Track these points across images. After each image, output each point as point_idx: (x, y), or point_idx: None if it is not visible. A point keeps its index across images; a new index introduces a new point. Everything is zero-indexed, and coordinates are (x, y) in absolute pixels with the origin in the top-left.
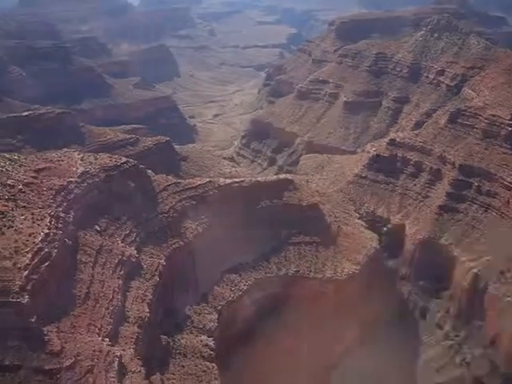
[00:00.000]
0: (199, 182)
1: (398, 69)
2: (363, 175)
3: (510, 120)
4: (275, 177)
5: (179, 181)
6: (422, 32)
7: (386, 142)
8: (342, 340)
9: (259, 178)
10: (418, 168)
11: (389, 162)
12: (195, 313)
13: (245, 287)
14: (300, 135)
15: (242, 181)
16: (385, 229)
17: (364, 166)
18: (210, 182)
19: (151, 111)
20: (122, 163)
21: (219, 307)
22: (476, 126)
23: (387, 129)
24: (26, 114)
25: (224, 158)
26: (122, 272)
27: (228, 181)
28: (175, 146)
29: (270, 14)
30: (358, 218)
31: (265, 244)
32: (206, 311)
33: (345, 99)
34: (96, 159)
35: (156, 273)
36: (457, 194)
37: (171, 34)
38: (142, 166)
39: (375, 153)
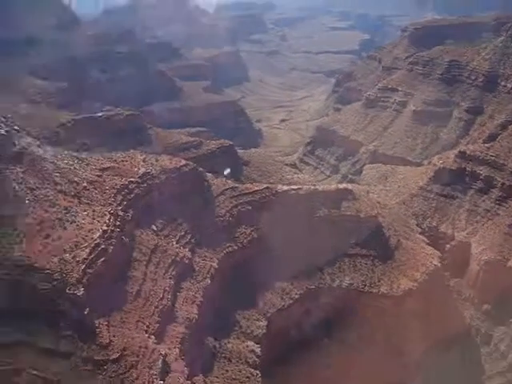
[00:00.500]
0: (256, 188)
1: (473, 77)
2: (428, 188)
3: None
4: (334, 186)
5: (237, 185)
6: (502, 38)
7: (455, 154)
8: (396, 360)
9: (317, 187)
10: (489, 183)
11: (456, 175)
12: (244, 318)
13: (296, 296)
14: (365, 144)
15: (300, 188)
16: (448, 246)
17: (430, 178)
18: (267, 188)
19: (218, 115)
20: (182, 166)
21: (269, 314)
22: None
23: (457, 140)
24: (99, 115)
25: (286, 165)
26: (174, 272)
27: (285, 188)
28: (239, 150)
29: (343, 20)
30: (420, 233)
31: (319, 254)
32: (254, 317)
33: (413, 108)
34: (157, 161)
35: (208, 275)
36: None
37: (244, 38)
38: (201, 169)
39: (442, 165)
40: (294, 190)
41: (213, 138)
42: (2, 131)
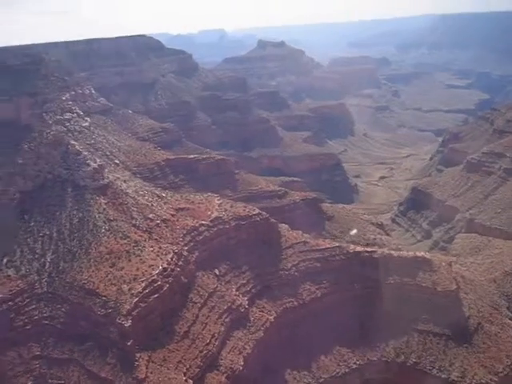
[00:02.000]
0: (327, 245)
1: None
2: None
3: None
4: (411, 253)
5: (308, 240)
6: None
7: None
8: None
9: (393, 252)
10: None
11: None
12: (294, 379)
13: (355, 365)
14: (461, 211)
15: (374, 251)
16: None
17: None
18: (338, 247)
19: (315, 166)
20: (254, 215)
21: (321, 379)
22: None
23: None
24: (191, 157)
25: (372, 224)
26: (227, 319)
27: (358, 249)
28: (326, 204)
29: (462, 78)
30: (510, 319)
31: (386, 323)
32: (305, 380)
33: None
34: (232, 207)
35: (262, 328)
36: None
37: (355, 93)
38: (273, 220)
39: None
40: (367, 252)
41: (305, 190)
42: (95, 165)
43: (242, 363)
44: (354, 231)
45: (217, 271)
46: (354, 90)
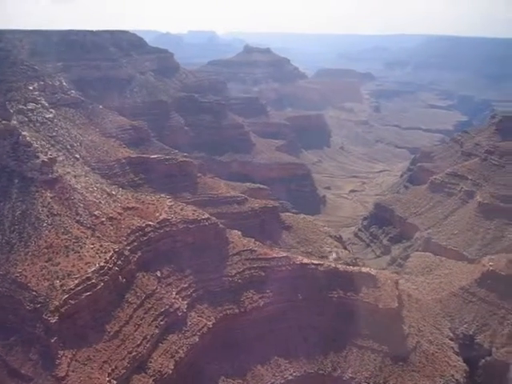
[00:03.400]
0: (274, 255)
1: None
2: (471, 290)
3: None
4: (356, 268)
5: (255, 249)
6: None
7: (509, 259)
8: None
9: (339, 266)
10: None
11: (506, 282)
12: None
13: (291, 377)
14: (421, 229)
15: (321, 264)
16: (483, 361)
17: (475, 280)
18: (286, 257)
19: (285, 175)
20: (203, 219)
21: None
22: None
23: None
24: (153, 156)
25: (330, 236)
26: (162, 322)
27: (305, 261)
28: (288, 213)
29: (445, 99)
30: (451, 339)
31: (327, 337)
32: None
33: (480, 200)
34: (182, 210)
35: (198, 333)
36: None
37: (336, 105)
38: (222, 225)
39: (491, 268)
40: (314, 264)
41: (270, 198)
42: (45, 158)
43: (173, 367)
44: (334, 255)
45: (158, 273)
46: (335, 102)
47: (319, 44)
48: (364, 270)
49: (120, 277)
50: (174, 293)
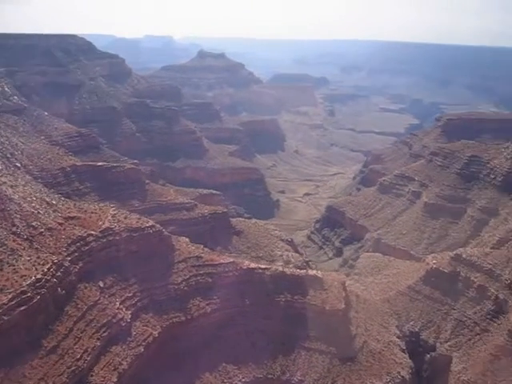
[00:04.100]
0: (221, 261)
1: (492, 176)
2: (417, 288)
3: None
4: (303, 271)
5: (202, 255)
6: None
7: (451, 256)
8: None
9: (286, 270)
10: (482, 293)
11: (449, 279)
12: None
13: (240, 383)
14: (371, 230)
15: (267, 268)
16: (428, 357)
17: (420, 278)
18: (232, 263)
19: (238, 180)
20: (147, 227)
21: None
22: None
23: (467, 240)
24: (99, 164)
25: (282, 240)
26: (105, 334)
27: (252, 265)
28: (240, 218)
29: (397, 103)
30: (398, 337)
31: (275, 341)
32: None
33: (425, 200)
34: (126, 218)
35: (143, 343)
36: None
37: (291, 109)
38: (166, 232)
39: (435, 266)
40: (260, 269)
41: (222, 203)
42: None
43: (116, 380)
44: (284, 258)
45: (101, 283)
46: (290, 106)
47: (275, 49)
48: (311, 272)
49: (59, 289)
50: (117, 303)
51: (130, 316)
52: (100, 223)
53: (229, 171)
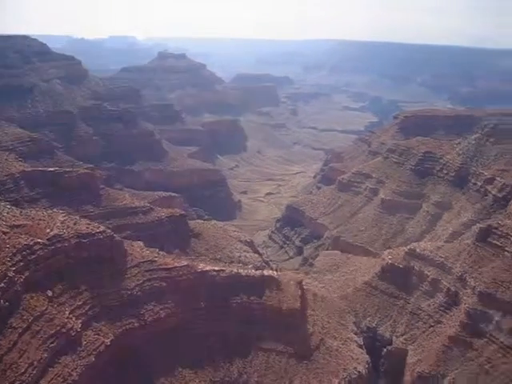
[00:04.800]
0: (176, 264)
1: (445, 171)
2: (373, 284)
3: None
4: (258, 272)
5: (155, 259)
6: (477, 135)
7: (405, 251)
8: None
9: (241, 271)
10: (435, 287)
11: (403, 274)
12: None
13: None
14: (330, 228)
15: (222, 270)
16: (385, 350)
17: (376, 274)
18: (187, 266)
19: (198, 182)
20: (97, 232)
21: None
22: (507, 249)
23: (422, 235)
24: (51, 169)
25: (240, 241)
26: (53, 345)
27: (207, 268)
28: (199, 221)
29: (358, 101)
30: (355, 333)
31: (232, 344)
32: None
33: (382, 197)
34: (75, 224)
35: (94, 352)
36: (473, 326)
37: (253, 110)
38: (118, 237)
39: (390, 261)
40: (215, 271)
41: (182, 206)
42: None
43: None
44: (242, 259)
45: (49, 292)
46: (253, 106)
47: (239, 49)
48: (267, 273)
49: (2, 301)
50: (67, 312)
51: (80, 325)
52: (48, 230)
53: (189, 173)
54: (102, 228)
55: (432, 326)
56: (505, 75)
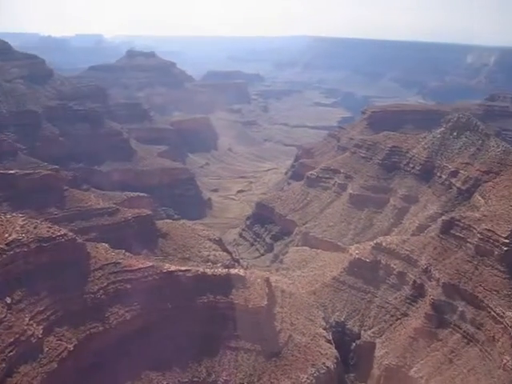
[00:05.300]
0: (140, 266)
1: (411, 165)
2: (341, 279)
3: (506, 238)
4: (225, 271)
5: (120, 261)
6: (442, 129)
7: (372, 245)
8: None
9: (207, 270)
10: (401, 280)
11: (371, 268)
12: None
13: None
14: (299, 225)
15: (188, 270)
16: (354, 344)
17: (344, 269)
18: (152, 266)
19: (167, 180)
20: (58, 236)
21: None
22: (469, 241)
23: (390, 229)
24: (11, 171)
25: (210, 240)
26: (12, 353)
27: (172, 268)
28: (167, 220)
29: (330, 97)
30: (324, 329)
31: (200, 344)
32: None
33: (350, 192)
34: (35, 228)
35: (57, 358)
36: (437, 317)
37: (224, 107)
38: (80, 240)
39: (357, 256)
40: (181, 271)
41: (153, 205)
42: None
43: None
44: (211, 258)
45: (8, 299)
46: (224, 104)
47: (210, 47)
48: (233, 271)
49: None
50: (27, 319)
51: (41, 331)
52: (6, 235)
53: (158, 172)
54: (63, 231)
55: (399, 319)
56: (470, 70)
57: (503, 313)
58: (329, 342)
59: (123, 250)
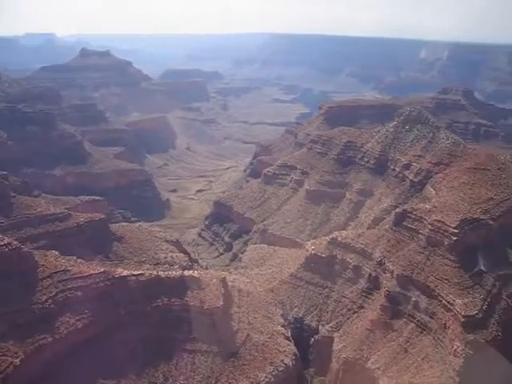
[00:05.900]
0: (91, 272)
1: (366, 159)
2: (298, 275)
3: (455, 228)
4: (179, 273)
5: (69, 268)
6: (394, 123)
7: (327, 240)
8: None
9: (161, 273)
10: (357, 273)
11: (327, 263)
12: None
13: None
14: (257, 222)
15: (142, 274)
16: (312, 340)
17: (301, 265)
18: (103, 272)
19: (124, 182)
20: (2, 245)
21: None
22: (420, 232)
23: (347, 223)
24: None
25: (167, 241)
26: None
27: (124, 273)
28: (123, 223)
29: (289, 94)
30: (282, 326)
31: (156, 348)
32: None
33: (307, 187)
34: None
35: (1, 375)
36: (392, 308)
37: (183, 106)
38: (25, 248)
39: (313, 251)
40: (134, 275)
41: (109, 208)
42: None
43: None
44: (168, 260)
45: None
46: (182, 102)
47: (167, 45)
48: (187, 273)
49: None
50: None
51: None
52: None
53: (114, 174)
54: (6, 240)
55: (356, 312)
56: (424, 65)
57: (453, 300)
58: (287, 338)
59: (74, 257)
